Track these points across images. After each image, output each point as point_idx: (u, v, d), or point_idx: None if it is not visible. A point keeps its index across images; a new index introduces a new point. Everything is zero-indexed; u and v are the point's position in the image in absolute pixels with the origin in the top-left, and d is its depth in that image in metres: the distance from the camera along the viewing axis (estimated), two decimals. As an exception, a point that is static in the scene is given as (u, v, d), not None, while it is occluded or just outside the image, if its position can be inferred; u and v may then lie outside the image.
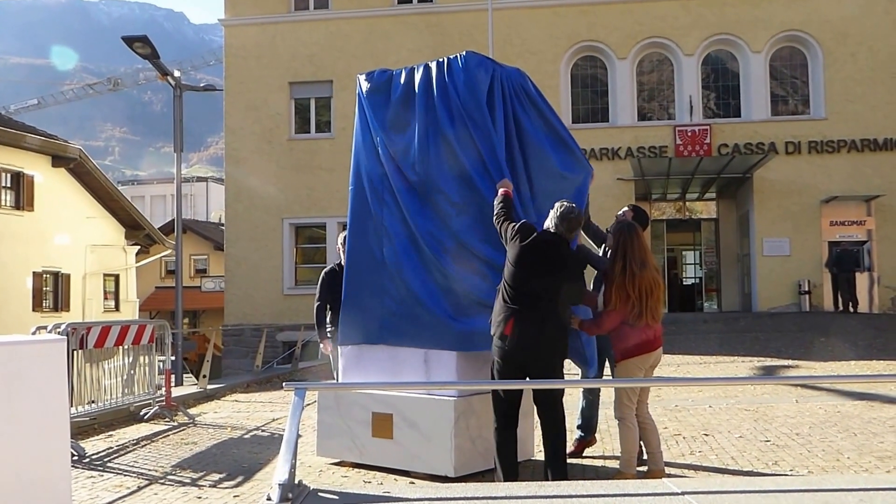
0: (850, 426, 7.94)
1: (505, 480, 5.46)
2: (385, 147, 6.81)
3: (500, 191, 6.06)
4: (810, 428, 7.92)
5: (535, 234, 5.66)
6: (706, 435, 7.79)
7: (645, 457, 6.10)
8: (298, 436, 3.97)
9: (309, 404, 9.40)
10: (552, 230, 5.69)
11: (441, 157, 6.53)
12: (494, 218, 5.93)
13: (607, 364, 6.81)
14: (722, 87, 24.16)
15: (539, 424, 5.75)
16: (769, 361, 13.79)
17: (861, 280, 21.91)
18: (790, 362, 13.41)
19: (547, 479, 5.48)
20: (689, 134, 23.18)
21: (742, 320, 20.51)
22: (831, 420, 8.31)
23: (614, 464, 6.44)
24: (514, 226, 5.69)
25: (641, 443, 6.07)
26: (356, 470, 6.62)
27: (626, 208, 6.70)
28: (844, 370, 12.38)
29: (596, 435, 7.19)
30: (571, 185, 6.53)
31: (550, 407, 5.61)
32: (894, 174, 22.29)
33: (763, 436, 7.63)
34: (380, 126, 6.83)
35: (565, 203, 5.75)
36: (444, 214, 6.52)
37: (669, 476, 5.73)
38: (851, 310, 20.96)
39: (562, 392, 5.82)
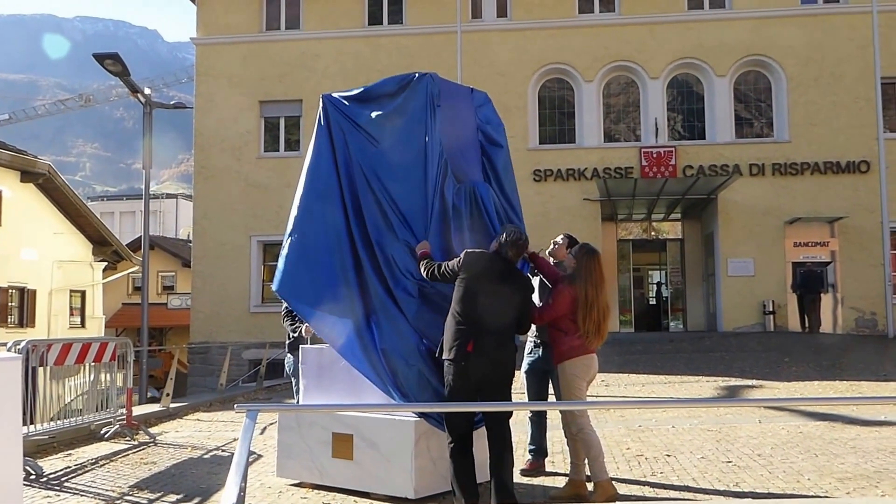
0: (811, 447, 8.00)
1: (467, 503, 5.45)
2: (359, 161, 6.65)
3: (419, 252, 6.16)
4: (772, 449, 7.98)
5: (483, 256, 5.81)
6: (668, 455, 7.82)
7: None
8: (259, 456, 3.92)
9: (271, 424, 9.33)
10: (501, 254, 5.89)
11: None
12: (424, 272, 6.00)
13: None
14: (687, 109, 24.43)
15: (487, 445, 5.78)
16: (733, 381, 13.87)
17: (825, 301, 22.16)
18: (754, 382, 13.49)
19: (491, 499, 5.50)
20: (655, 155, 23.40)
21: (707, 340, 20.66)
22: (793, 441, 8.38)
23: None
24: (456, 259, 5.82)
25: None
26: (316, 491, 6.56)
27: (560, 236, 6.99)
28: (808, 390, 12.48)
29: (547, 459, 7.25)
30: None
31: (501, 426, 5.69)
32: (857, 196, 22.61)
33: (725, 456, 7.67)
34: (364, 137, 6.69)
35: (514, 229, 6.00)
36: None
37: (624, 496, 5.75)
38: (816, 330, 21.18)
39: (511, 412, 5.97)
